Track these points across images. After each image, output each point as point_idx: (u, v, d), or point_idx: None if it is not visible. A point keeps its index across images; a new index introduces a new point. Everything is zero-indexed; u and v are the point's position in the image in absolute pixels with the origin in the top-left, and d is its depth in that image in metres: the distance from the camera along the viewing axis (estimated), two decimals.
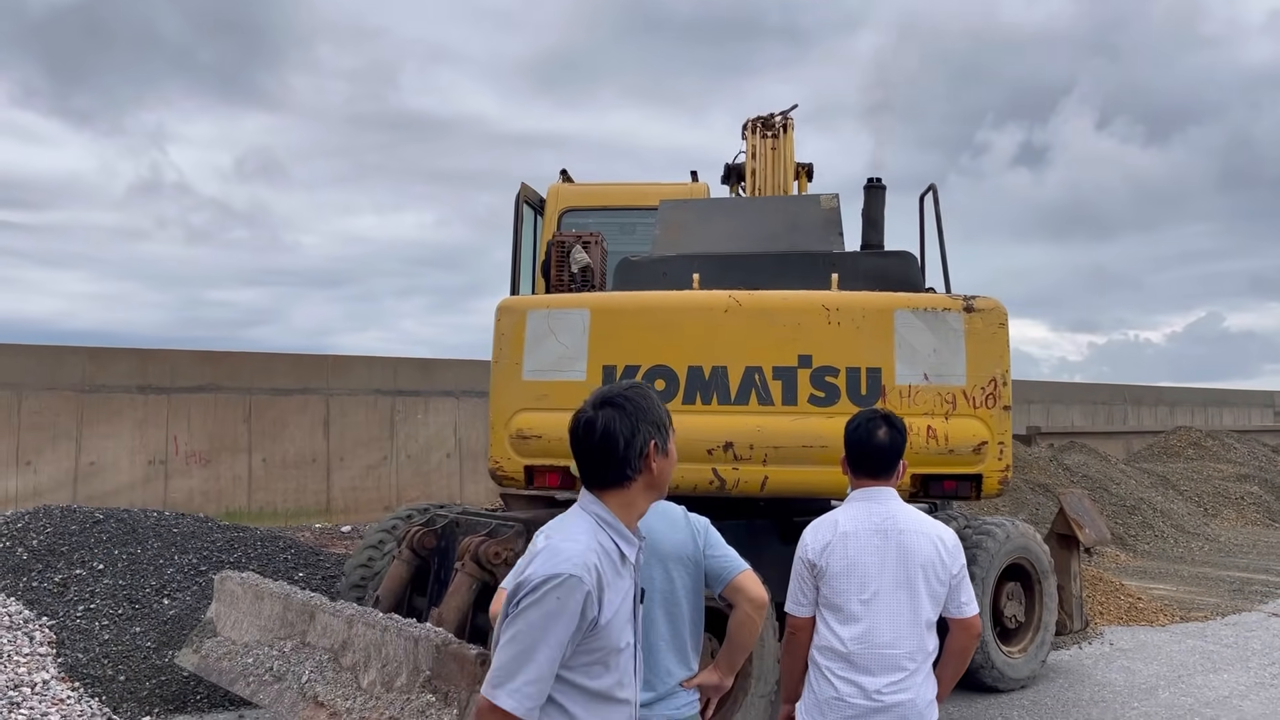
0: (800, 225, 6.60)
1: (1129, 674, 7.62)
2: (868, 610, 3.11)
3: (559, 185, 8.01)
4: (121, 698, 6.09)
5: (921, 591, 3.13)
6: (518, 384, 5.78)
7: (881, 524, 3.17)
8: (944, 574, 3.16)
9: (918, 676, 3.12)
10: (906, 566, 3.13)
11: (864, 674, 3.09)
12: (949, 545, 3.20)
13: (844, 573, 3.14)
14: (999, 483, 5.64)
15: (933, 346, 5.61)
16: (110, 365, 14.65)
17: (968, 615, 3.21)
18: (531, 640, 2.19)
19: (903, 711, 3.07)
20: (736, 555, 3.07)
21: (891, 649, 3.09)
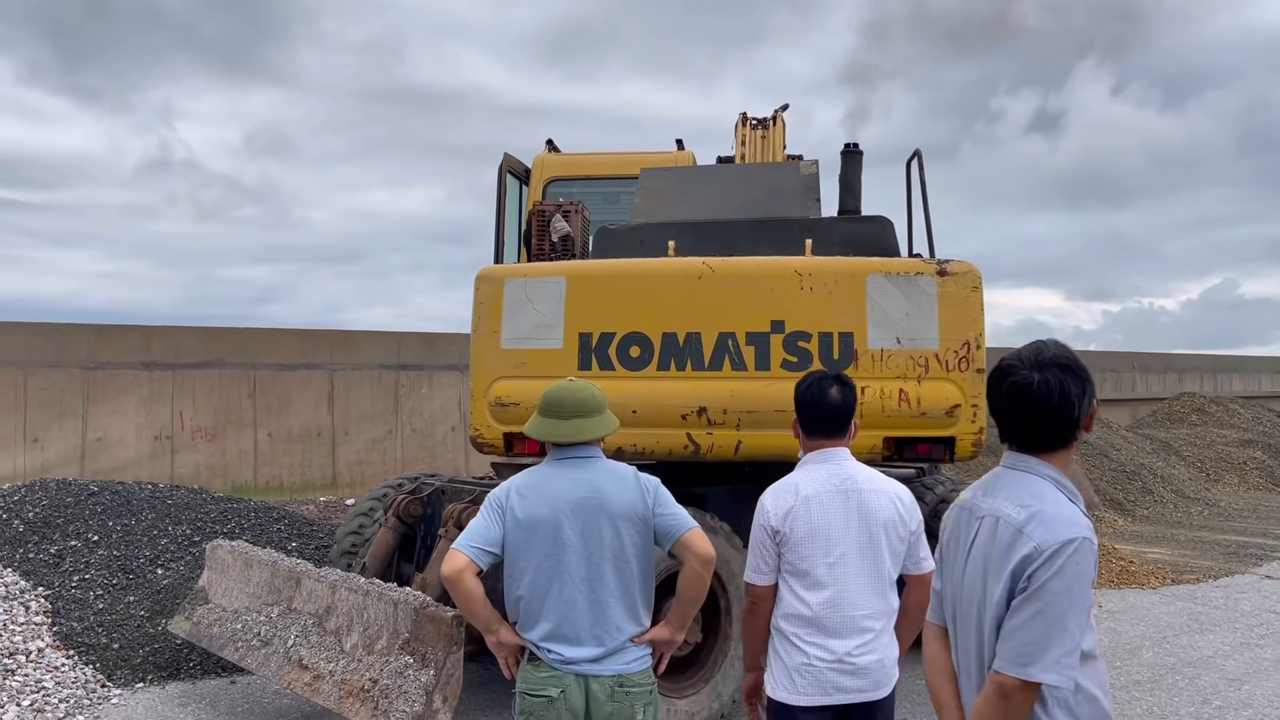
0: (778, 192, 6.62)
1: (1115, 635, 7.68)
2: (834, 573, 3.10)
3: (544, 155, 8.04)
4: (115, 665, 6.22)
5: (884, 550, 3.14)
6: (496, 352, 5.83)
7: (841, 485, 3.17)
8: (904, 531, 3.18)
9: (884, 636, 3.15)
10: (869, 526, 3.14)
11: (833, 638, 3.08)
12: (906, 502, 3.22)
13: (808, 537, 3.12)
14: (972, 445, 5.67)
15: (905, 310, 5.63)
16: (115, 342, 14.74)
17: (925, 570, 3.20)
18: (1060, 610, 2.08)
19: (870, 674, 3.09)
20: (685, 513, 3.12)
21: (858, 610, 3.10)
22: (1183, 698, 6.15)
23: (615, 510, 3.05)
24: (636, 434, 5.61)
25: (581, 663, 3.01)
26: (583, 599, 3.02)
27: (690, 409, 5.57)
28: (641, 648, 3.10)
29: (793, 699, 3.10)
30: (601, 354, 5.69)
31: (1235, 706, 6.00)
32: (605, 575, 3.04)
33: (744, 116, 8.28)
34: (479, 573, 3.06)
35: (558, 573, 3.03)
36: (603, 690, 3.00)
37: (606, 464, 3.18)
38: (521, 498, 3.10)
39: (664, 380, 5.63)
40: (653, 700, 3.11)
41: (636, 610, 3.10)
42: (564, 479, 3.11)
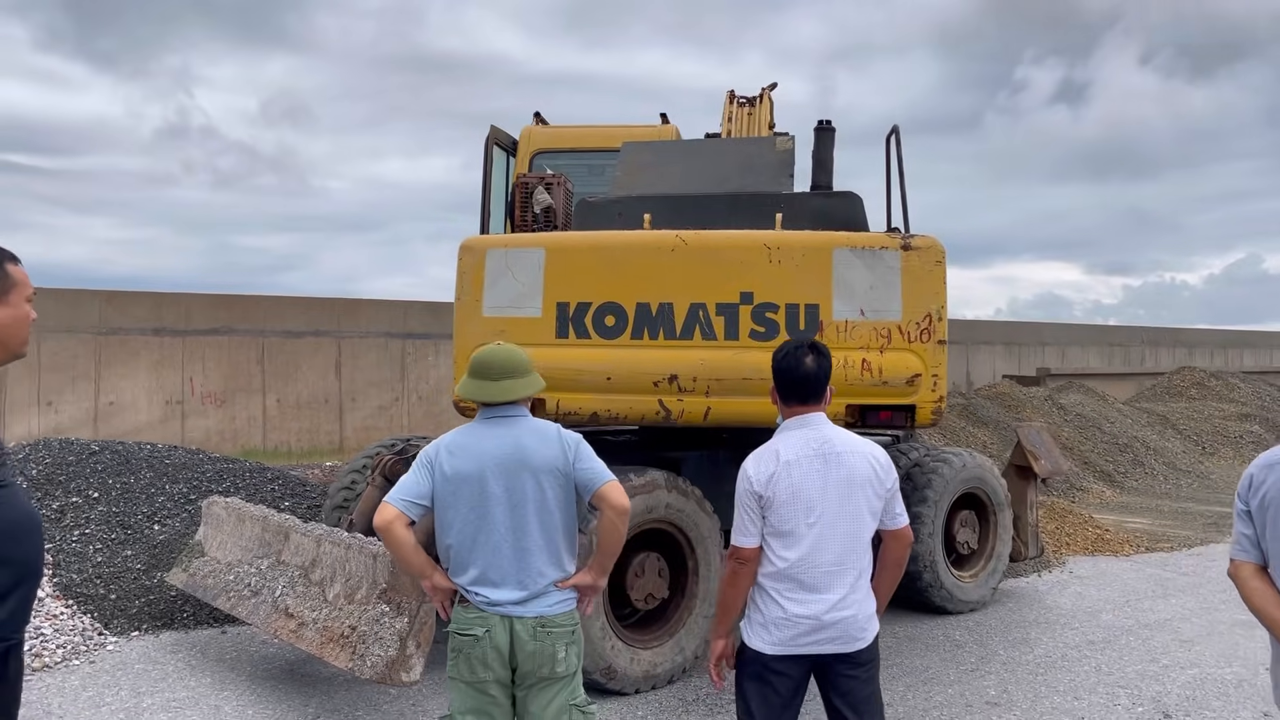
0: (753, 167, 6.82)
1: (1079, 598, 7.93)
2: (813, 533, 3.26)
3: (531, 128, 8.23)
4: (112, 615, 6.55)
5: (863, 509, 3.31)
6: (478, 320, 6.05)
7: (820, 448, 3.32)
8: (880, 489, 3.34)
9: (858, 593, 3.31)
10: (848, 486, 3.29)
11: (811, 593, 3.25)
12: (882, 462, 3.38)
13: (790, 500, 3.27)
14: (932, 413, 5.90)
15: (869, 283, 5.85)
16: (127, 308, 15.02)
17: (900, 526, 3.40)
18: None
19: (846, 626, 3.27)
20: (604, 468, 3.35)
21: (836, 567, 3.27)
22: (1132, 657, 6.40)
23: (537, 465, 3.29)
24: (611, 400, 5.87)
25: (506, 604, 3.25)
26: (507, 546, 3.27)
27: (662, 376, 5.80)
28: (565, 592, 3.35)
29: (768, 648, 3.31)
30: (578, 323, 5.92)
31: (1181, 665, 6.24)
32: (528, 525, 3.28)
33: (731, 94, 8.47)
34: (410, 524, 3.32)
35: (484, 523, 3.27)
36: (525, 630, 3.24)
37: (531, 422, 3.41)
38: (450, 454, 3.34)
39: (638, 349, 5.86)
40: (575, 640, 3.34)
41: (559, 557, 3.34)
42: (490, 436, 3.35)
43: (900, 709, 5.45)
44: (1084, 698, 5.65)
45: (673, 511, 5.76)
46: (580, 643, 3.39)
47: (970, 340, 26.71)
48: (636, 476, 5.66)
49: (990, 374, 26.05)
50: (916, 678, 5.97)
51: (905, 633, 6.93)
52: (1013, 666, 6.20)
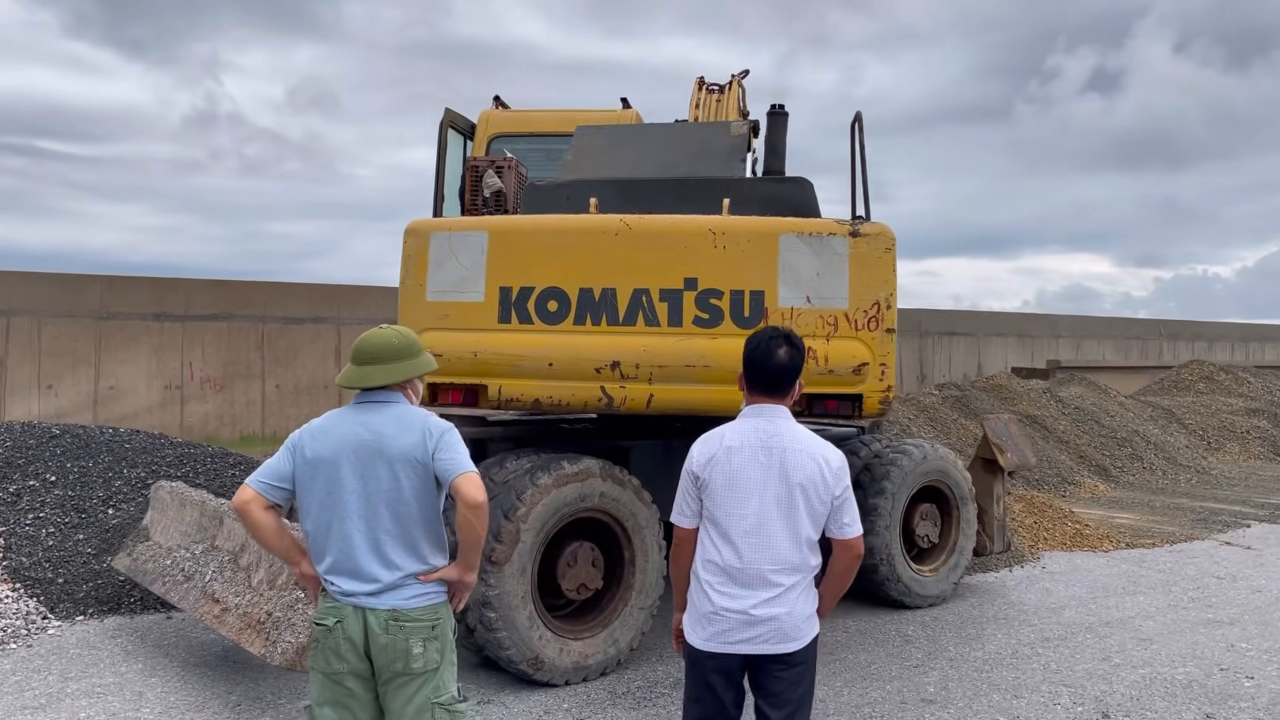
0: (706, 152, 6.71)
1: (1045, 595, 7.79)
2: (747, 525, 3.18)
3: (489, 111, 8.13)
4: (59, 599, 6.53)
5: (801, 510, 3.18)
6: (422, 304, 5.97)
7: (767, 441, 3.22)
8: (825, 494, 3.20)
9: (793, 592, 3.19)
10: (787, 484, 3.18)
11: (741, 588, 3.17)
12: (833, 466, 3.23)
13: (726, 487, 3.20)
14: (879, 402, 5.78)
15: (816, 270, 5.73)
16: (126, 293, 15.08)
17: (849, 536, 3.25)
18: None
19: (776, 625, 3.16)
20: (464, 460, 3.21)
21: (768, 565, 3.16)
22: (1084, 655, 6.27)
23: (393, 454, 3.18)
24: (552, 386, 5.77)
25: (359, 595, 3.16)
26: (360, 536, 3.17)
27: (604, 363, 5.70)
28: (427, 586, 3.22)
29: (698, 644, 3.24)
30: (521, 308, 5.83)
31: (1134, 664, 6.11)
32: (381, 515, 3.18)
33: (700, 81, 8.35)
34: (270, 506, 3.24)
35: (337, 510, 3.18)
36: (378, 623, 3.14)
37: (397, 409, 3.29)
38: (312, 437, 3.26)
39: (580, 334, 5.76)
40: (435, 635, 3.22)
41: (417, 549, 3.22)
42: (352, 422, 3.25)
43: (832, 705, 5.36)
44: (1024, 696, 5.53)
45: (608, 500, 5.67)
46: (444, 639, 3.26)
47: (982, 332, 26.48)
48: (570, 464, 5.58)
49: (1002, 366, 25.83)
50: (856, 674, 5.87)
51: (857, 627, 6.83)
52: (959, 663, 6.08)
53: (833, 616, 7.08)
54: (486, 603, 5.25)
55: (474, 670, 5.69)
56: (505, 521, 5.28)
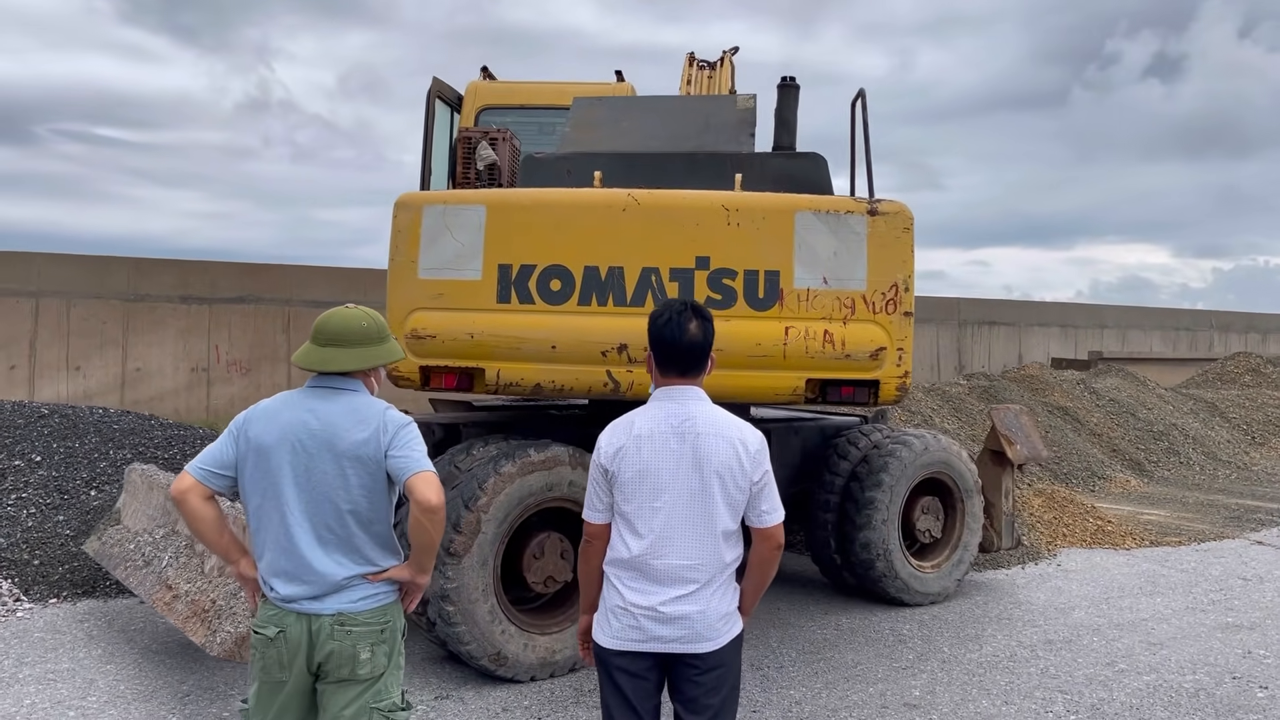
0: (713, 125, 6.42)
1: (1056, 594, 7.43)
2: (659, 518, 2.93)
3: (477, 82, 7.88)
4: (33, 580, 6.44)
5: (717, 499, 2.94)
6: (414, 282, 5.67)
7: (679, 426, 2.97)
8: (743, 481, 2.95)
9: (709, 589, 2.95)
10: (702, 472, 2.93)
11: (652, 584, 2.92)
12: (750, 450, 2.98)
13: (636, 479, 2.95)
14: (896, 389, 5.49)
15: (833, 250, 5.44)
16: (154, 276, 15.13)
17: (768, 525, 2.99)
18: None
19: (689, 624, 2.92)
20: (420, 458, 2.95)
21: (681, 560, 2.92)
22: (1087, 659, 5.93)
23: (342, 448, 2.93)
24: (555, 370, 5.49)
25: (301, 600, 2.92)
26: (302, 534, 2.92)
27: (610, 345, 5.41)
28: (375, 586, 2.98)
29: (607, 642, 2.98)
30: (521, 287, 5.54)
31: (1139, 670, 5.76)
32: (325, 512, 2.93)
33: (691, 57, 8.06)
34: (211, 496, 3.02)
35: (276, 504, 2.93)
36: (324, 628, 2.90)
37: (354, 399, 3.03)
38: (257, 421, 2.99)
39: (585, 315, 5.47)
40: (384, 639, 2.99)
41: (363, 550, 2.98)
42: (303, 408, 2.99)
43: (809, 708, 5.08)
44: (1015, 703, 5.22)
45: (578, 490, 5.41)
46: (393, 643, 3.02)
47: (1023, 322, 25.86)
48: (536, 452, 5.34)
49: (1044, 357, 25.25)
50: (840, 674, 5.59)
51: (849, 624, 6.54)
52: (951, 666, 5.78)
53: (826, 612, 6.80)
54: (445, 596, 5.03)
55: (438, 664, 5.50)
56: (465, 511, 5.06)
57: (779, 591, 7.34)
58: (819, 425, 7.34)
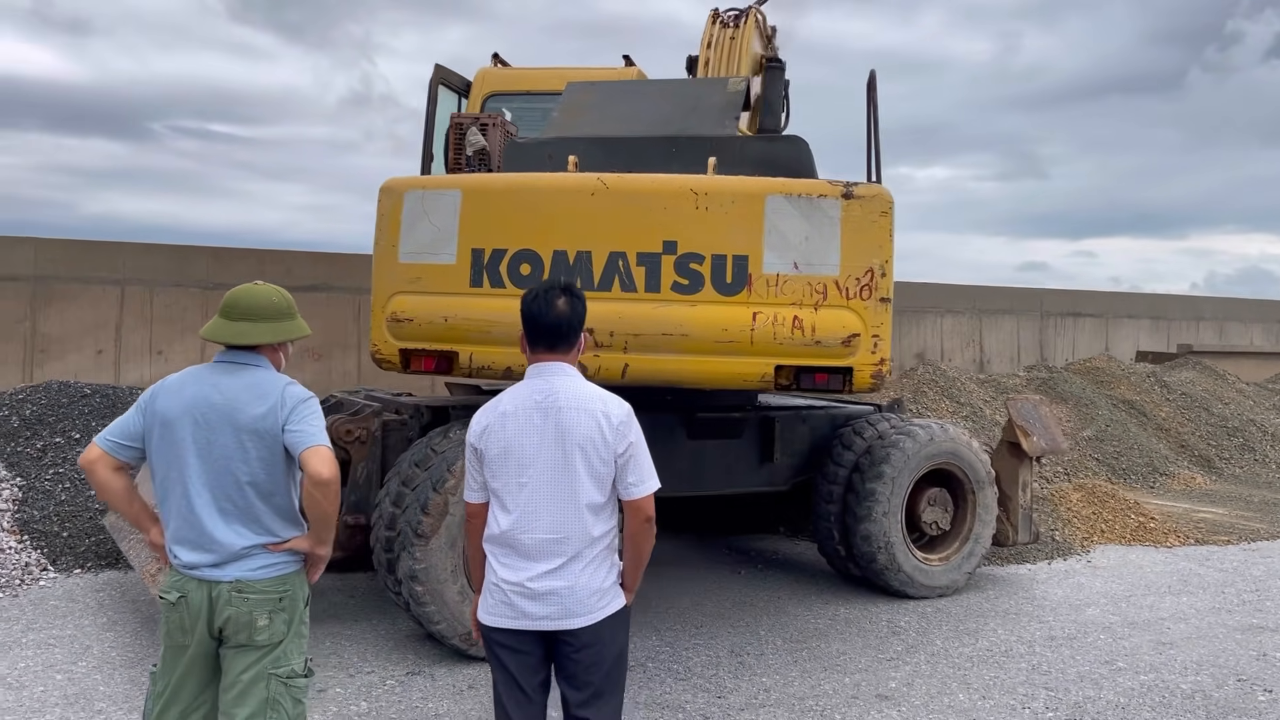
0: (698, 109, 6.37)
1: (1075, 590, 7.20)
2: (524, 494, 2.97)
3: (486, 69, 7.94)
4: (61, 551, 6.76)
5: (580, 472, 2.96)
6: (394, 266, 5.81)
7: (543, 401, 3.00)
8: (606, 453, 2.97)
9: (578, 564, 2.97)
10: (564, 445, 2.95)
11: (522, 559, 2.96)
12: (613, 422, 2.99)
13: (501, 456, 2.99)
14: (871, 376, 5.40)
15: (805, 234, 5.37)
16: (231, 264, 15.62)
17: (635, 497, 3.00)
18: None
19: (557, 600, 2.94)
20: (315, 433, 3.03)
21: (549, 534, 2.95)
22: (1087, 656, 5.74)
23: (241, 421, 3.01)
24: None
25: (201, 567, 3.02)
26: (202, 504, 3.02)
27: None
28: (275, 556, 3.08)
29: (485, 619, 3.04)
30: (493, 271, 5.60)
31: (1138, 669, 5.55)
32: (224, 483, 3.02)
33: (715, 14, 7.80)
34: (120, 466, 3.15)
35: (181, 475, 3.03)
36: (222, 595, 3.00)
37: (257, 374, 3.11)
38: (164, 394, 3.10)
39: None
40: (283, 607, 3.08)
41: (263, 520, 3.07)
42: (207, 382, 3.08)
43: (775, 695, 5.04)
44: (994, 697, 5.09)
45: None
46: (293, 611, 3.11)
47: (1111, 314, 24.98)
48: None
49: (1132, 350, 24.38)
50: (819, 664, 5.52)
51: (846, 615, 6.45)
52: (939, 659, 5.66)
53: (824, 602, 6.72)
54: (414, 576, 5.13)
55: (417, 641, 5.61)
56: (433, 494, 5.14)
57: (782, 580, 7.29)
58: (829, 414, 7.24)
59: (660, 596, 6.71)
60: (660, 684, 5.14)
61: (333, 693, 4.87)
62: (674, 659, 5.52)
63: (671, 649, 5.68)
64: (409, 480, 5.36)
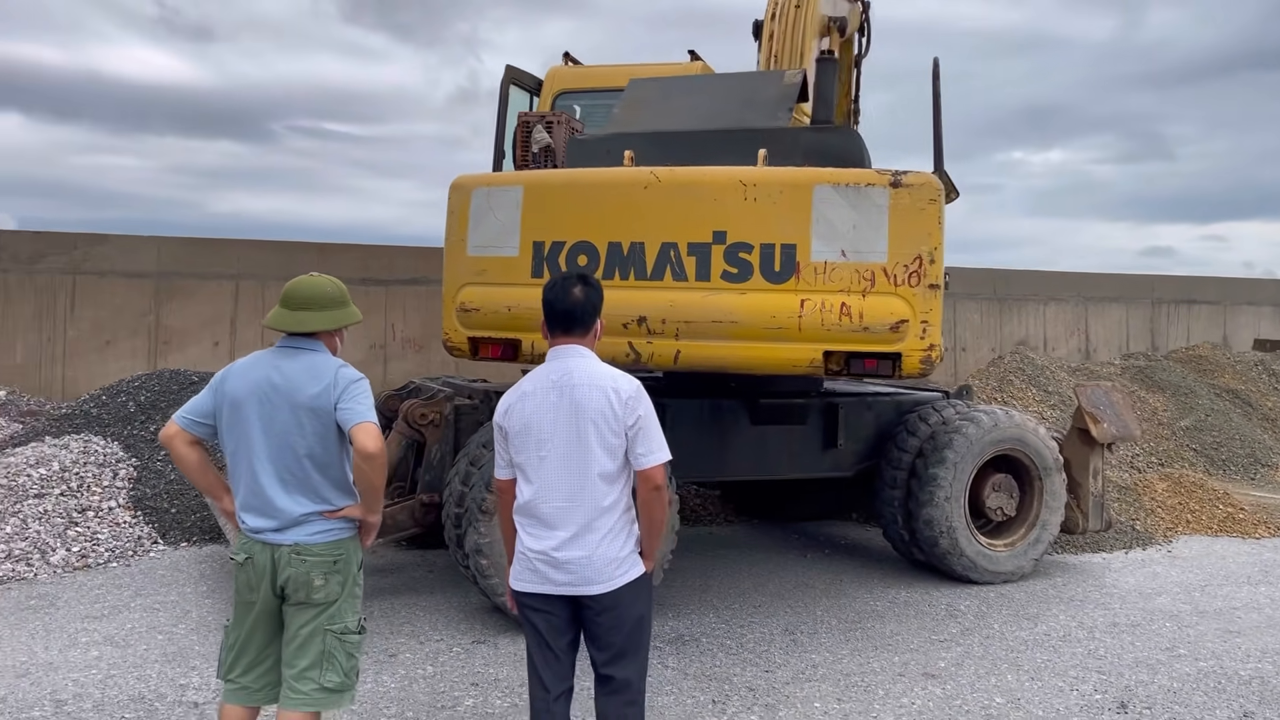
0: (753, 102, 6.50)
1: (1149, 579, 7.12)
2: (543, 467, 3.20)
3: (557, 68, 8.18)
4: (169, 526, 7.32)
5: (593, 444, 3.17)
6: (463, 259, 6.16)
7: (559, 380, 3.23)
8: (617, 425, 3.18)
9: (595, 534, 3.18)
10: (578, 420, 3.18)
11: (544, 529, 3.20)
12: (623, 396, 3.20)
13: (522, 432, 3.24)
14: (920, 362, 5.48)
15: (852, 223, 5.48)
16: (337, 259, 16.32)
17: (645, 466, 3.20)
18: None
19: (577, 567, 3.17)
20: (363, 411, 3.31)
21: (566, 503, 3.18)
22: (1148, 643, 5.72)
23: (298, 400, 3.33)
24: None
25: (265, 531, 3.35)
26: (265, 475, 3.34)
27: (631, 318, 5.68)
28: (330, 523, 3.39)
29: (514, 584, 3.31)
30: (553, 262, 5.88)
31: (1198, 656, 5.52)
32: (284, 456, 3.34)
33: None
34: (194, 441, 3.52)
35: (247, 449, 3.37)
36: (283, 557, 3.34)
37: (314, 357, 3.42)
38: (233, 376, 3.44)
39: (608, 289, 5.69)
40: (337, 569, 3.39)
41: (319, 490, 3.38)
42: (269, 365, 3.41)
43: (822, 671, 5.18)
44: (1042, 679, 5.14)
45: None
46: (346, 573, 3.43)
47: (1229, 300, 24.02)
48: None
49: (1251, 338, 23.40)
50: (871, 643, 5.64)
51: (905, 598, 6.53)
52: (993, 641, 5.71)
53: (885, 586, 6.81)
54: (479, 550, 5.44)
55: (485, 613, 5.93)
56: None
57: (846, 564, 7.40)
58: (895, 401, 7.31)
59: (724, 577, 6.91)
60: (712, 658, 5.34)
61: (403, 657, 5.22)
62: (728, 635, 5.71)
63: (727, 626, 5.88)
64: (476, 460, 5.68)
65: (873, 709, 4.72)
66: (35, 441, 8.09)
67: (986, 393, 12.04)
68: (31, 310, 12.47)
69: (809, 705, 4.74)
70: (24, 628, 5.51)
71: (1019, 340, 17.18)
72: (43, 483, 7.36)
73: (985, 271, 16.81)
